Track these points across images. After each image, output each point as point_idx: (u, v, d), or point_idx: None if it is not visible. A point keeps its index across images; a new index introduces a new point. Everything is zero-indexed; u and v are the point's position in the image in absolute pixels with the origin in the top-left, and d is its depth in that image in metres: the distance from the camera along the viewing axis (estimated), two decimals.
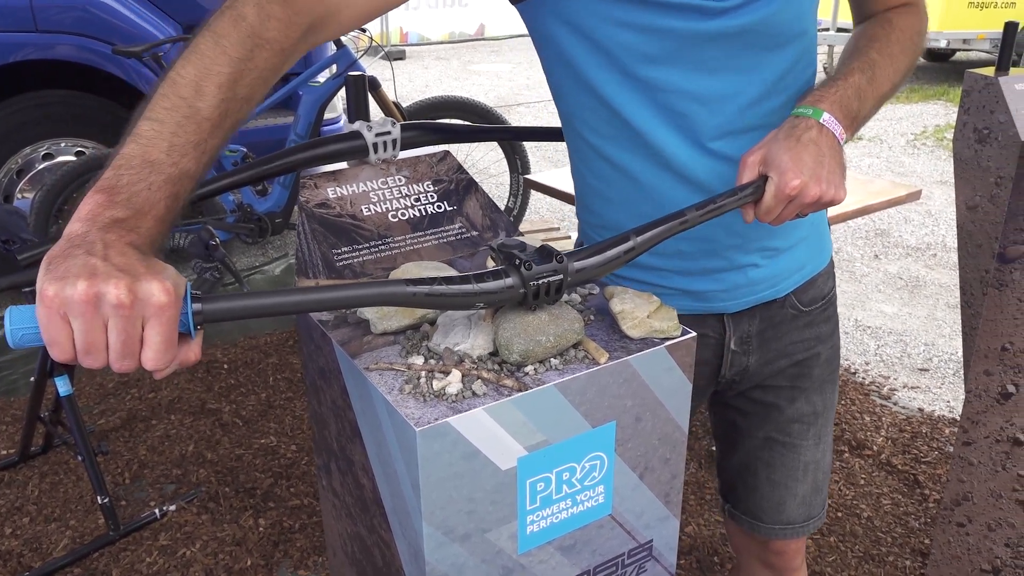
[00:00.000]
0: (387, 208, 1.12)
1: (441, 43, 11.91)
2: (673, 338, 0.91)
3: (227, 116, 0.79)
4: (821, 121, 0.98)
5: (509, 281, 0.82)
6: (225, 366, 3.27)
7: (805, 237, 1.21)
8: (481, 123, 3.93)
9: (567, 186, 2.73)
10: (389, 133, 1.10)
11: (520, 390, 0.82)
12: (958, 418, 2.95)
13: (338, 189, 1.10)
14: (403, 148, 1.14)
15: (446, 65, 10.02)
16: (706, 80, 1.03)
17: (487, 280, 0.81)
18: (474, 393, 0.81)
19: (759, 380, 1.28)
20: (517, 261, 0.83)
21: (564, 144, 1.19)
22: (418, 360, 0.86)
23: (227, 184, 1.03)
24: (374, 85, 3.42)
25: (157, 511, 2.40)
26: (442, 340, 0.88)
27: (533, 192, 4.39)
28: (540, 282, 0.83)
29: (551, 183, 2.76)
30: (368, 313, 0.93)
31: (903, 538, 2.35)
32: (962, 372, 3.26)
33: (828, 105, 1.00)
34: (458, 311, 0.89)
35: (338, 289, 0.75)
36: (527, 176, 3.55)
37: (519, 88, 8.90)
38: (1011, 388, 1.83)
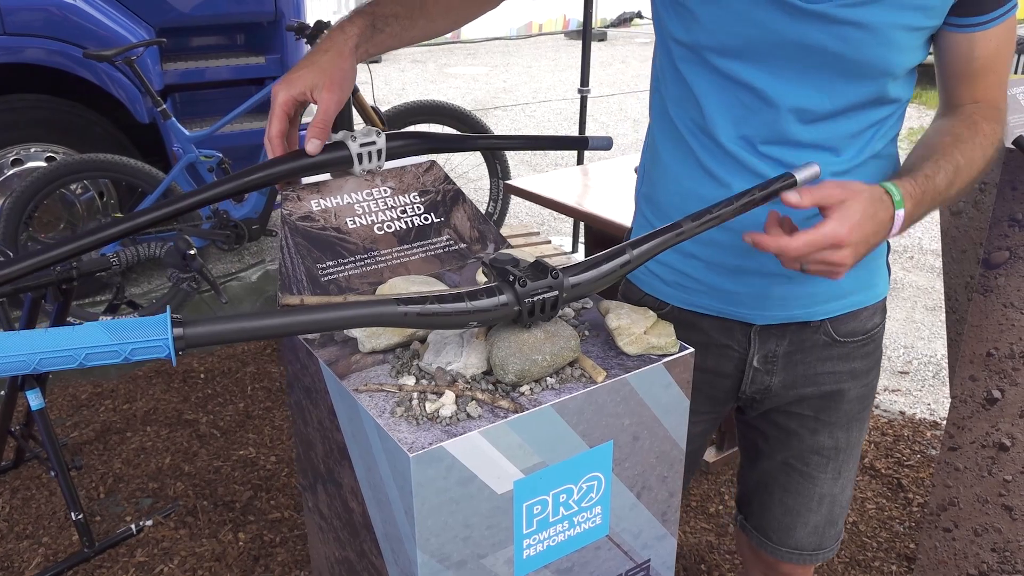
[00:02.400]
0: (372, 220, 1.09)
1: (417, 45, 11.85)
2: (671, 354, 0.88)
3: None
4: (896, 213, 0.99)
5: (503, 298, 0.79)
6: (202, 376, 3.21)
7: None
8: (461, 127, 3.89)
9: (548, 191, 2.70)
10: (374, 143, 1.07)
11: (516, 411, 0.79)
12: (939, 421, 2.96)
13: (322, 201, 1.07)
14: (388, 158, 1.11)
15: (422, 68, 9.96)
16: (779, 85, 1.05)
17: (481, 298, 0.78)
18: (468, 415, 0.78)
19: (782, 404, 1.26)
20: (511, 277, 0.80)
21: (552, 153, 1.17)
22: (409, 380, 0.83)
23: (209, 197, 1.00)
24: (353, 90, 3.38)
25: (133, 526, 2.34)
26: (434, 359, 0.85)
27: (513, 197, 4.37)
28: (535, 299, 0.80)
29: (532, 188, 2.73)
30: (356, 331, 0.90)
31: (888, 543, 2.35)
32: (942, 375, 3.28)
33: (909, 203, 0.99)
34: (435, 330, 0.86)
35: (325, 310, 0.72)
36: (507, 181, 3.52)
37: (496, 91, 8.87)
38: (996, 393, 1.83)
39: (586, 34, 3.96)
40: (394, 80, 9.34)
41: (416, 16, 1.07)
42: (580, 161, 4.25)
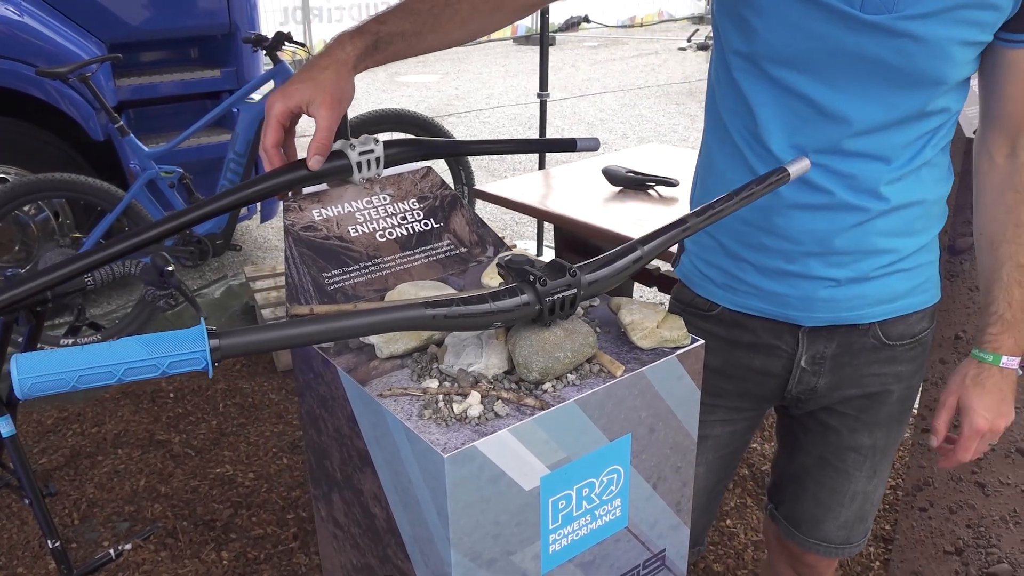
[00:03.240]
0: (374, 228, 1.09)
1: None
2: (683, 347, 0.91)
3: None
4: (1001, 365, 1.17)
5: (525, 298, 0.81)
6: (171, 395, 3.16)
7: (903, 269, 1.19)
8: (424, 135, 3.89)
9: (517, 195, 2.72)
10: (372, 151, 1.07)
11: (542, 408, 0.80)
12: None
13: (323, 211, 1.07)
14: (386, 166, 1.11)
15: (372, 76, 9.92)
16: (833, 95, 1.07)
17: (503, 298, 0.80)
18: (496, 414, 0.80)
19: (826, 403, 1.28)
20: (531, 277, 0.81)
21: (507, 156, 1.20)
22: (432, 383, 0.84)
23: (210, 211, 0.99)
24: None
25: (112, 551, 2.28)
26: (455, 361, 0.86)
27: (478, 202, 4.38)
28: (555, 297, 0.82)
29: (502, 193, 2.75)
30: (373, 337, 0.91)
31: None
32: None
33: (1005, 346, 1.17)
34: (461, 331, 0.87)
35: (356, 316, 0.72)
36: (474, 187, 3.53)
37: (449, 99, 8.88)
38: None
39: (543, 39, 3.99)
40: None
41: (426, 32, 1.05)
42: (542, 165, 4.28)
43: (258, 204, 4.10)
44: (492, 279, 1.02)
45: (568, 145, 1.33)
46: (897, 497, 2.52)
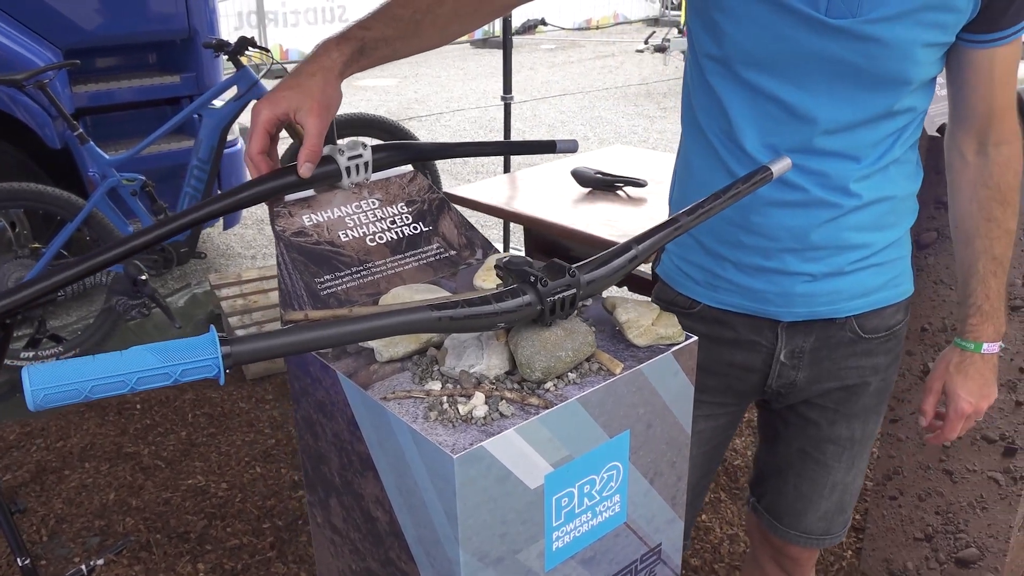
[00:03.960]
0: (364, 232, 1.09)
1: None
2: (678, 343, 0.93)
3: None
4: (982, 352, 1.24)
5: (527, 298, 0.82)
6: (138, 406, 3.11)
7: (877, 263, 1.23)
8: (391, 139, 3.88)
9: (487, 198, 2.73)
10: (360, 156, 1.08)
11: (545, 407, 0.82)
12: None
13: (313, 216, 1.07)
14: (374, 170, 1.12)
15: None
16: (803, 96, 1.11)
17: (506, 299, 0.81)
18: (501, 414, 0.80)
19: (806, 396, 1.31)
20: (532, 278, 0.82)
21: (470, 160, 1.21)
22: (435, 386, 0.85)
23: (201, 216, 0.98)
24: None
25: (84, 567, 2.23)
26: (456, 363, 0.87)
27: None
28: (556, 297, 0.83)
29: (472, 196, 2.76)
30: (372, 341, 0.91)
31: None
32: None
33: (985, 334, 1.24)
34: (466, 332, 0.88)
35: (364, 320, 0.73)
36: (441, 191, 3.53)
37: (408, 102, 8.85)
38: (931, 365, 1.96)
39: (506, 43, 4.01)
40: None
41: (409, 36, 1.06)
42: (507, 169, 4.30)
43: None
44: (485, 281, 1.03)
45: (548, 147, 1.35)
46: (866, 487, 2.58)
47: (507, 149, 1.32)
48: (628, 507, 0.94)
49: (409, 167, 1.18)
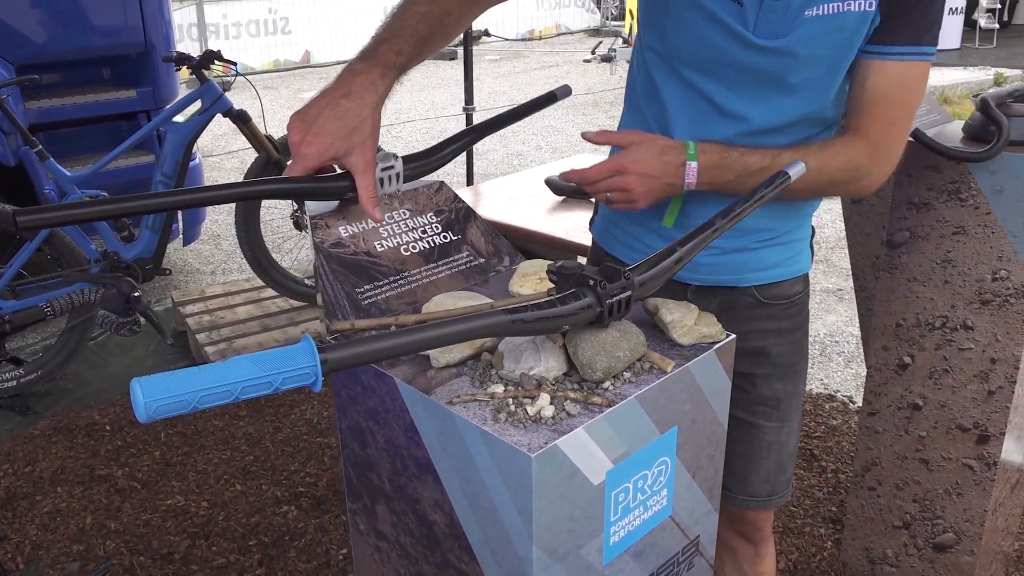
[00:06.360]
0: (398, 243, 1.11)
1: (266, 72, 11.57)
2: (719, 341, 0.97)
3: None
4: (686, 162, 1.18)
5: (587, 301, 0.85)
6: (107, 428, 3.03)
7: (778, 243, 1.35)
8: None
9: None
10: (392, 167, 1.10)
11: (608, 405, 0.85)
12: (834, 394, 3.23)
13: (349, 228, 1.08)
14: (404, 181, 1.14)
15: (275, 94, 9.74)
16: (729, 96, 1.22)
17: (569, 302, 0.84)
18: (568, 413, 0.83)
19: None
20: (591, 282, 0.86)
21: (440, 171, 1.26)
22: (498, 388, 0.87)
23: (262, 191, 0.99)
24: (244, 118, 3.30)
25: None
26: (515, 366, 0.89)
27: None
28: (613, 299, 0.86)
29: None
30: None
31: (813, 509, 2.55)
32: (828, 351, 3.58)
33: (704, 158, 1.18)
34: (534, 335, 0.90)
35: (448, 324, 0.75)
36: None
37: None
38: (907, 359, 2.05)
39: (467, 54, 4.05)
40: (249, 107, 9.10)
41: (426, 52, 1.12)
42: (470, 182, 4.33)
43: (180, 226, 3.98)
44: (522, 287, 1.06)
45: (549, 99, 1.42)
46: (839, 480, 2.67)
47: (515, 115, 1.35)
48: (674, 501, 0.98)
49: (437, 178, 1.21)
